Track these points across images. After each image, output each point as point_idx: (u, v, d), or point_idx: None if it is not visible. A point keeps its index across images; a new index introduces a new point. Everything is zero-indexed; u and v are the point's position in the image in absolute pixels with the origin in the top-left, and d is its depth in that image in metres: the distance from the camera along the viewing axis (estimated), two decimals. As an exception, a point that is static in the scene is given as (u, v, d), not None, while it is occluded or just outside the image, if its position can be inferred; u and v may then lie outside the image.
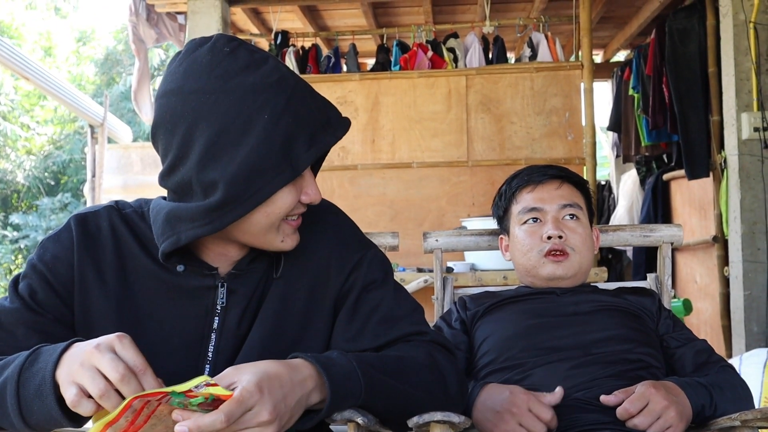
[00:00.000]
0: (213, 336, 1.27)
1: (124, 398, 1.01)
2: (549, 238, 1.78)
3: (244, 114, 1.13)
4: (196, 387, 1.00)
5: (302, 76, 4.86)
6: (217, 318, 1.27)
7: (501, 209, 1.94)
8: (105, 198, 7.06)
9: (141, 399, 0.98)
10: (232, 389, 1.01)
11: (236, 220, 1.17)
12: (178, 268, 1.25)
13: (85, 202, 7.65)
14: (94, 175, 7.15)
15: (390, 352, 1.27)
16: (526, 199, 1.85)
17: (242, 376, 1.02)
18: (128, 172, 7.24)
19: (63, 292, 1.25)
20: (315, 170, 1.30)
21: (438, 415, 1.16)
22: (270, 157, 1.14)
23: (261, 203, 1.17)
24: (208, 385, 1.01)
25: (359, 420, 1.13)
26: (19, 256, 13.32)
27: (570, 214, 1.81)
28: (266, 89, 1.16)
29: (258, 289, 1.29)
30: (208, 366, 1.26)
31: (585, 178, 4.45)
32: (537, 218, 1.83)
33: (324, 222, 1.37)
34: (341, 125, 1.23)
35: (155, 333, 1.26)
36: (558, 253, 1.78)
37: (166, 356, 1.25)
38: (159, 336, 1.26)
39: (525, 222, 1.84)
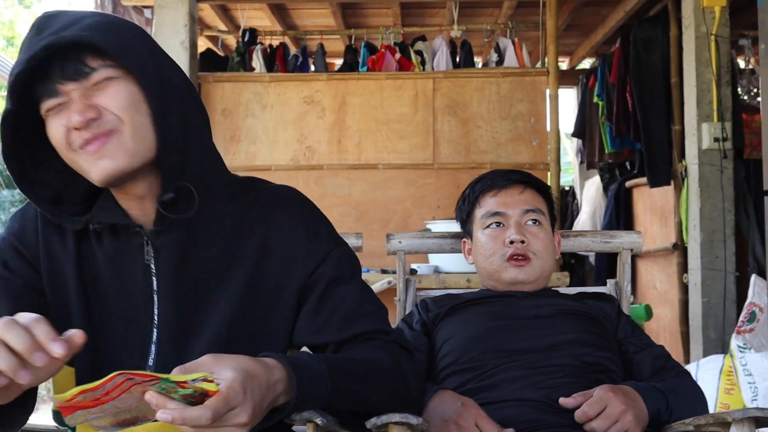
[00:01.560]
0: (155, 297, 1.27)
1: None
2: (511, 242, 1.79)
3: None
4: (193, 380, 0.98)
5: (269, 74, 4.86)
6: (154, 278, 1.26)
7: (464, 213, 1.94)
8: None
9: (125, 375, 0.96)
10: (214, 381, 0.99)
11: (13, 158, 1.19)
12: (95, 227, 1.25)
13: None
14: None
15: (357, 354, 1.26)
16: (489, 203, 1.86)
17: (225, 372, 1.00)
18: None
19: (31, 258, 1.28)
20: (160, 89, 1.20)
21: (396, 417, 1.17)
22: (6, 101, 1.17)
23: (13, 102, 1.16)
24: (205, 380, 0.99)
25: (318, 420, 1.13)
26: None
27: (532, 219, 1.83)
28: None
29: (187, 251, 1.26)
30: (155, 330, 1.26)
31: (549, 183, 4.51)
32: (500, 222, 1.83)
33: (297, 211, 1.37)
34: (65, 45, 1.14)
35: (111, 295, 1.27)
36: (520, 257, 1.79)
37: (121, 319, 1.27)
38: (113, 299, 1.27)
39: (488, 226, 1.85)
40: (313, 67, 5.34)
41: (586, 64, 7.14)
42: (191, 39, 4.45)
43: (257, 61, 5.09)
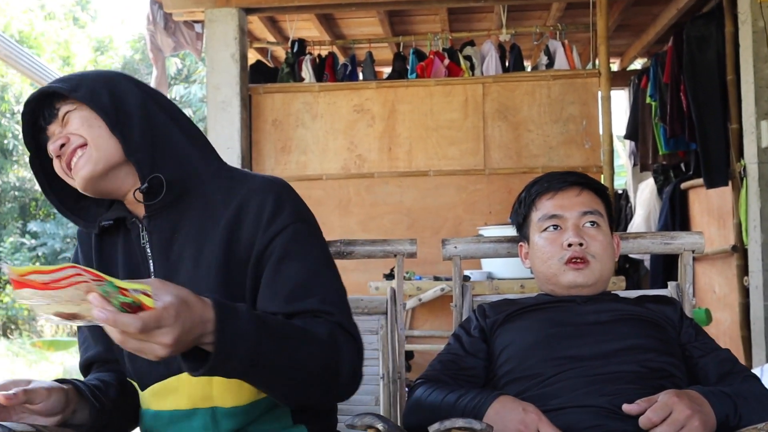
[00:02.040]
0: (152, 277, 1.47)
1: None
2: (569, 245, 1.76)
3: None
4: (134, 290, 1.09)
5: (319, 84, 4.89)
6: (150, 261, 1.50)
7: (520, 216, 1.92)
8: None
9: (77, 269, 1.08)
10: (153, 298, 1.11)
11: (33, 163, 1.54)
12: (105, 224, 1.54)
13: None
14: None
15: (297, 321, 1.36)
16: (546, 206, 1.83)
17: (165, 296, 1.12)
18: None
19: (86, 261, 1.57)
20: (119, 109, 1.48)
21: (459, 422, 1.16)
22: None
23: (31, 151, 1.53)
24: (144, 294, 1.10)
25: (379, 426, 1.13)
26: (37, 263, 13.42)
27: (591, 221, 1.80)
28: None
29: (175, 230, 1.48)
30: None
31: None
32: (557, 225, 1.80)
33: (269, 187, 1.50)
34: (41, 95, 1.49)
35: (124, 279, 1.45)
36: (578, 260, 1.76)
37: None
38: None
39: (545, 229, 1.82)
40: (362, 76, 5.36)
41: (638, 64, 7.03)
42: (241, 51, 4.52)
43: (306, 72, 5.13)
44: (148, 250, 1.49)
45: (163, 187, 1.45)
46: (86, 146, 1.45)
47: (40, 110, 1.49)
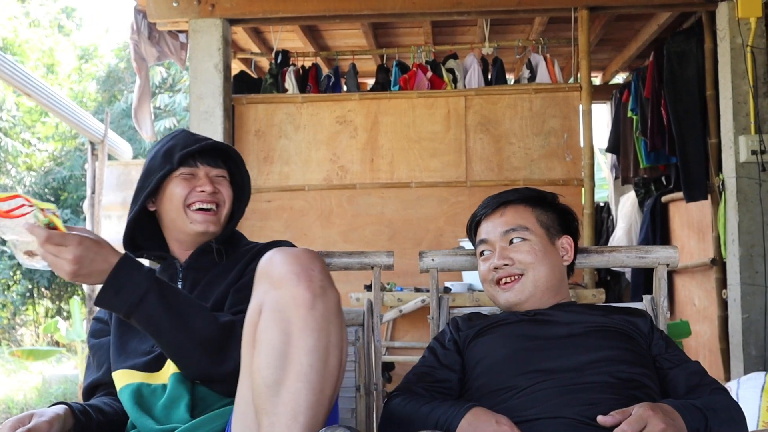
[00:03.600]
0: None
1: None
2: (495, 268, 1.85)
3: (153, 151, 1.90)
4: (48, 210, 1.49)
5: (302, 95, 4.90)
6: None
7: (472, 242, 2.02)
8: (104, 214, 7.05)
9: (22, 199, 1.48)
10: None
11: (145, 204, 1.84)
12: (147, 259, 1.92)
13: (84, 219, 7.65)
14: (93, 192, 7.14)
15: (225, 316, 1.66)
16: (479, 232, 1.94)
17: (77, 230, 1.51)
18: (128, 189, 7.23)
19: None
20: (242, 185, 1.94)
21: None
22: (154, 163, 1.85)
23: (155, 191, 1.83)
24: (55, 214, 1.50)
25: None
26: (18, 272, 13.30)
27: (514, 238, 1.85)
28: (162, 138, 1.93)
29: (207, 275, 1.83)
30: None
31: (583, 200, 4.47)
32: (487, 249, 1.90)
33: (276, 243, 1.84)
34: (209, 144, 1.87)
35: None
36: (507, 281, 1.84)
37: None
38: None
39: (481, 254, 1.92)
40: (345, 87, 5.37)
41: (620, 79, 7.09)
42: (225, 62, 4.52)
43: (290, 82, 5.14)
44: (179, 285, 1.83)
45: (219, 253, 1.85)
46: (222, 208, 1.86)
47: (203, 151, 1.85)
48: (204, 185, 1.82)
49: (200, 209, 1.82)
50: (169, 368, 1.67)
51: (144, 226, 1.88)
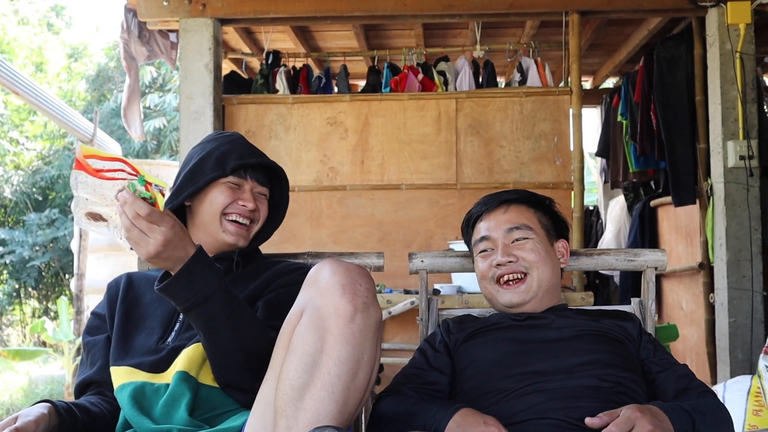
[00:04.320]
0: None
1: None
2: (498, 265, 1.84)
3: (200, 145, 1.92)
4: (155, 185, 1.49)
5: (293, 96, 4.89)
6: None
7: (467, 240, 1.99)
8: (92, 214, 7.02)
9: (123, 163, 1.46)
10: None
11: (185, 199, 1.82)
12: None
13: (72, 219, 7.61)
14: (82, 191, 7.10)
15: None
16: (479, 228, 1.93)
17: (181, 229, 1.52)
18: (116, 189, 7.19)
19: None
20: (279, 206, 1.97)
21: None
22: (205, 162, 1.84)
23: (199, 190, 1.82)
24: (161, 192, 1.50)
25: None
26: (5, 272, 13.22)
27: (518, 237, 1.85)
28: (218, 136, 1.95)
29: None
30: (178, 323, 1.75)
31: (572, 203, 4.49)
32: (489, 246, 1.88)
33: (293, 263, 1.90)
34: (265, 162, 1.90)
35: (150, 309, 1.82)
36: (511, 281, 1.83)
37: (155, 317, 1.78)
38: (152, 307, 1.82)
39: (480, 251, 1.90)
40: (336, 89, 5.37)
41: (610, 83, 7.12)
42: (215, 62, 4.51)
43: (281, 83, 5.13)
44: None
45: (236, 265, 1.86)
46: (255, 225, 1.88)
47: (255, 165, 1.87)
48: (247, 201, 1.84)
49: (235, 221, 1.83)
50: (175, 368, 1.65)
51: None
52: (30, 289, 13.52)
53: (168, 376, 1.66)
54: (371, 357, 1.43)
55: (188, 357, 1.65)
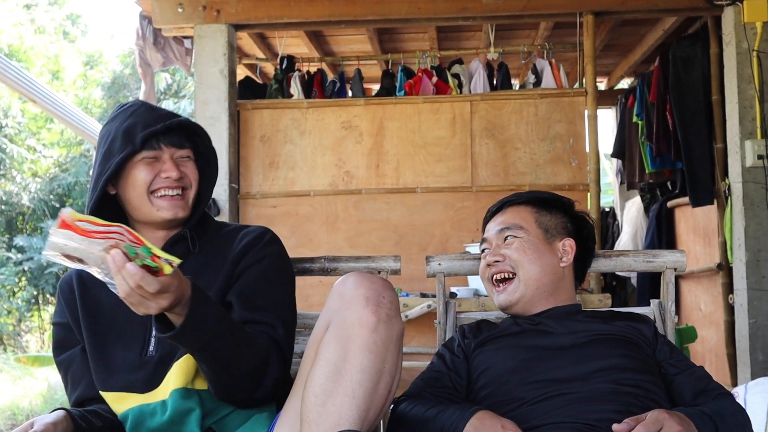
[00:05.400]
0: None
1: None
2: (488, 265, 1.88)
3: (105, 127, 1.75)
4: (164, 259, 1.32)
5: (307, 100, 4.90)
6: None
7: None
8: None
9: (122, 228, 1.30)
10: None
11: (106, 188, 1.68)
12: None
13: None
14: (98, 198, 7.15)
15: (247, 327, 1.60)
16: (484, 232, 1.98)
17: (181, 277, 1.38)
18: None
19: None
20: (209, 160, 1.81)
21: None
22: (114, 143, 1.68)
23: (116, 174, 1.67)
24: (170, 264, 1.33)
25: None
26: (23, 279, 13.32)
27: (508, 236, 1.88)
28: (119, 111, 1.75)
29: (185, 265, 1.58)
30: (155, 329, 1.57)
31: (589, 204, 4.46)
32: (487, 248, 1.93)
33: (262, 230, 1.81)
34: (175, 123, 1.71)
35: (115, 310, 1.69)
36: (502, 282, 1.85)
37: (127, 325, 1.68)
38: (118, 308, 1.62)
39: (482, 252, 1.95)
40: (350, 93, 5.37)
41: (625, 84, 7.08)
42: (230, 67, 4.53)
43: (295, 88, 5.14)
44: None
45: (192, 242, 1.75)
46: (189, 191, 1.74)
47: (169, 129, 1.70)
48: (169, 170, 1.69)
49: (165, 195, 1.70)
50: (168, 384, 1.62)
51: (105, 209, 1.71)
52: (48, 296, 13.60)
53: (162, 393, 1.62)
54: (393, 367, 1.45)
55: (181, 370, 1.62)
